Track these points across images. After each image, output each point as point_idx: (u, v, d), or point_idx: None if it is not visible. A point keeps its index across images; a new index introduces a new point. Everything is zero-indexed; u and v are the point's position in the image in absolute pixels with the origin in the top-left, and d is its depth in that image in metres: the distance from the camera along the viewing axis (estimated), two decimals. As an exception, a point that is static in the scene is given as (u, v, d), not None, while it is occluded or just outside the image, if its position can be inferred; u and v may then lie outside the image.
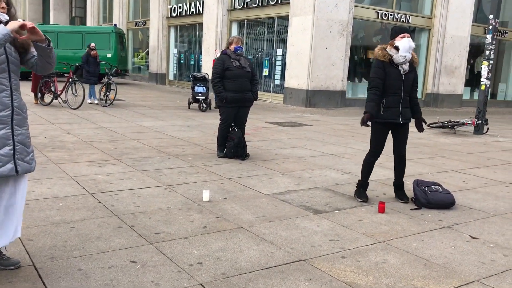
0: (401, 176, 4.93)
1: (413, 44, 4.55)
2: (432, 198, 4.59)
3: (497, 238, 3.88)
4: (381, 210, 4.43)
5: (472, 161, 7.41)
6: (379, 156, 4.83)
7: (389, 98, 4.63)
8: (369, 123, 4.69)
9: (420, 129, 4.82)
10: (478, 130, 10.65)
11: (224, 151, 6.72)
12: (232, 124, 6.77)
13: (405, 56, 4.53)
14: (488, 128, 10.84)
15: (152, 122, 10.06)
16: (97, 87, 13.60)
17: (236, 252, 3.37)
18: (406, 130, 4.81)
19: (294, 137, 9.09)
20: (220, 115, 6.79)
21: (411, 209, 4.57)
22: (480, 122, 10.59)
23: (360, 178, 4.93)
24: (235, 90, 6.49)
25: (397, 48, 4.53)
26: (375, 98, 4.60)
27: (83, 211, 4.12)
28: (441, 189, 4.73)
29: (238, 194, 4.85)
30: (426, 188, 4.71)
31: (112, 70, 13.55)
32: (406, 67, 4.58)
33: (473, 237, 3.87)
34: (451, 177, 6.17)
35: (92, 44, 13.44)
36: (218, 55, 14.19)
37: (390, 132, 4.81)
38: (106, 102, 12.90)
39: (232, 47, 6.64)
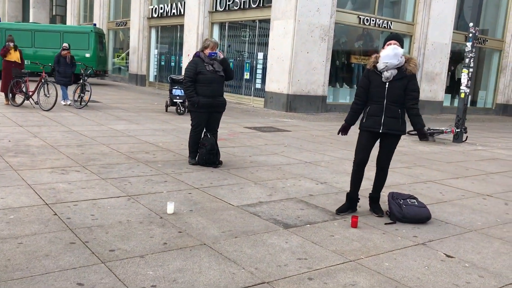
0: (379, 189, 4.75)
1: (399, 51, 4.39)
2: (407, 213, 4.41)
3: (473, 256, 3.70)
4: (354, 224, 4.24)
5: (450, 171, 7.29)
6: (362, 166, 4.63)
7: (372, 106, 4.49)
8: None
9: (421, 137, 4.64)
10: (457, 138, 10.59)
11: (196, 158, 6.47)
12: (204, 129, 6.52)
13: (386, 63, 4.37)
14: (467, 137, 10.78)
15: (126, 126, 9.75)
16: (71, 88, 13.20)
17: (195, 273, 3.12)
18: (392, 143, 4.58)
19: (271, 143, 8.88)
20: (191, 120, 6.53)
21: (385, 224, 4.39)
22: (459, 130, 10.53)
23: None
24: (207, 94, 6.25)
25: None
26: (354, 108, 4.56)
27: (35, 224, 3.83)
28: (416, 203, 4.55)
29: (206, 206, 4.60)
30: (401, 202, 4.53)
31: (87, 71, 13.16)
32: (388, 74, 4.39)
33: (448, 256, 3.69)
34: (428, 188, 6.02)
35: (64, 44, 13.02)
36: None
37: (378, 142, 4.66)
38: (80, 104, 12.52)
39: (207, 51, 6.39)
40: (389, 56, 4.37)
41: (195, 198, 4.85)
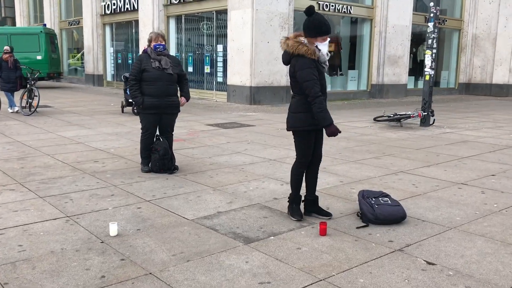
0: (315, 187, 4.29)
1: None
2: (380, 213, 3.98)
3: (456, 261, 3.30)
4: (323, 232, 3.78)
5: (421, 158, 6.95)
6: (307, 164, 4.18)
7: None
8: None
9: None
10: (425, 122, 10.33)
11: (149, 165, 5.89)
12: (157, 133, 5.95)
13: (324, 53, 3.99)
14: (434, 120, 10.54)
15: (76, 131, 9.03)
16: (18, 94, 12.29)
17: (135, 315, 2.60)
18: (323, 133, 4.17)
19: (234, 140, 8.36)
20: (140, 122, 5.95)
21: (357, 228, 3.95)
22: (426, 113, 10.27)
23: (291, 192, 4.26)
24: (153, 94, 5.66)
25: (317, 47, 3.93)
26: (324, 104, 3.90)
27: None
28: (389, 201, 4.14)
29: (156, 222, 4.06)
30: (373, 201, 4.11)
31: (35, 74, 12.28)
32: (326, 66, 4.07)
33: (428, 263, 3.27)
34: (400, 180, 5.64)
35: (5, 47, 12.04)
36: None
37: None
38: (30, 110, 11.66)
39: (152, 45, 5.80)
40: (326, 51, 3.99)
41: (144, 214, 4.29)
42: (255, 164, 6.45)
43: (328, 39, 3.95)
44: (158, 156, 5.74)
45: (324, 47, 3.92)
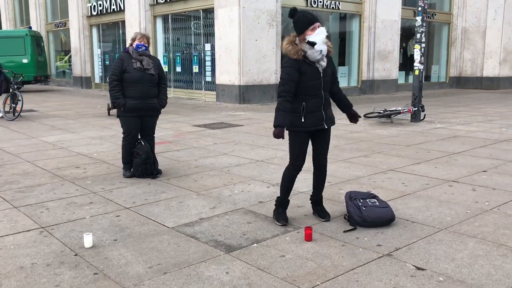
0: (321, 189, 4.15)
1: (325, 33, 3.74)
2: (368, 216, 3.82)
3: (447, 265, 3.15)
4: (308, 237, 3.61)
5: (411, 155, 6.81)
6: (301, 168, 4.00)
7: (309, 102, 3.79)
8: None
9: (354, 120, 4.14)
10: (415, 117, 10.20)
11: (131, 170, 5.70)
12: (139, 136, 5.75)
13: (321, 51, 3.71)
14: (425, 115, 10.42)
15: (60, 136, 8.81)
16: (1, 99, 12.04)
17: (104, 336, 2.42)
18: (329, 135, 4.02)
19: (221, 141, 8.18)
20: (121, 126, 5.75)
21: (344, 231, 3.79)
22: (416, 109, 10.14)
23: (279, 195, 4.10)
24: (134, 96, 5.47)
25: (311, 43, 3.70)
26: (289, 106, 3.74)
27: None
28: (377, 203, 3.98)
29: (134, 232, 3.87)
30: (360, 203, 3.95)
31: (18, 78, 12.02)
32: (324, 63, 3.78)
33: (418, 268, 3.12)
34: (389, 179, 5.49)
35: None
36: None
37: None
38: (14, 115, 11.41)
39: (134, 44, 5.60)
40: (323, 41, 3.71)
41: (123, 222, 4.10)
42: (241, 165, 6.28)
43: (321, 27, 3.72)
44: (140, 161, 5.55)
45: (317, 37, 3.68)
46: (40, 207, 4.57)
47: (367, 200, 4.01)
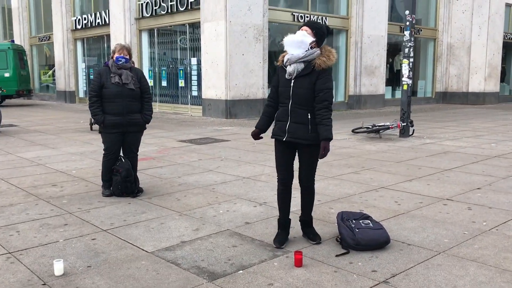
0: (307, 211, 3.90)
1: (306, 39, 3.53)
2: (362, 238, 3.59)
3: (448, 294, 2.92)
4: (298, 263, 3.36)
5: (403, 172, 6.62)
6: (286, 182, 3.76)
7: (279, 110, 3.74)
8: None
9: (321, 155, 3.55)
10: (404, 132, 10.06)
11: (111, 188, 5.40)
12: (121, 154, 5.46)
13: (291, 54, 3.56)
14: (414, 130, 10.29)
15: (38, 152, 8.46)
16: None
17: None
18: (309, 154, 3.68)
19: (206, 157, 7.91)
20: (102, 143, 5.47)
21: (337, 256, 3.54)
22: (405, 124, 10.01)
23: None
24: (114, 112, 5.20)
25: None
26: (265, 110, 3.84)
27: None
28: (371, 224, 3.75)
29: (110, 257, 3.58)
30: (353, 224, 3.71)
31: (-3, 92, 11.66)
32: (290, 69, 3.56)
33: (417, 297, 2.88)
34: (381, 197, 5.27)
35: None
36: None
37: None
38: (-8, 130, 11.03)
39: (115, 57, 5.34)
40: (292, 44, 3.52)
41: (99, 246, 3.80)
42: (227, 183, 6.02)
43: (299, 31, 3.60)
44: (120, 178, 5.26)
45: (288, 37, 3.57)
46: (10, 229, 4.24)
47: (360, 221, 3.78)
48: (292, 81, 3.58)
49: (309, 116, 3.57)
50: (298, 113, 3.59)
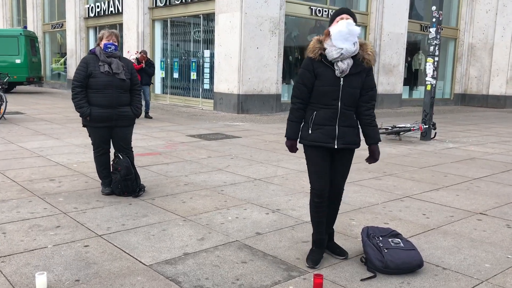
0: (332, 221, 3.46)
1: (356, 30, 3.04)
2: (391, 260, 3.11)
3: (499, 338, 2.44)
4: (318, 287, 2.89)
5: (427, 179, 6.10)
6: (325, 194, 3.27)
7: (320, 112, 3.15)
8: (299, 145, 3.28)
9: (371, 160, 3.35)
10: (426, 135, 9.52)
11: (111, 186, 4.97)
12: (113, 149, 5.01)
13: (342, 48, 3.02)
14: (436, 133, 9.74)
15: (41, 142, 8.08)
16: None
17: None
18: (348, 160, 3.31)
19: (216, 155, 7.46)
20: (89, 137, 5.01)
21: (362, 280, 3.07)
22: (427, 126, 9.46)
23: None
24: (102, 104, 4.72)
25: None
26: (298, 115, 3.19)
27: None
28: (402, 244, 3.26)
29: (103, 269, 3.14)
30: (381, 243, 3.23)
31: (3, 78, 11.31)
32: (344, 65, 3.05)
33: None
34: (407, 208, 4.77)
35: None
36: (133, 57, 12.34)
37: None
38: (-2, 117, 10.68)
39: (102, 44, 4.87)
40: (342, 35, 3.01)
41: (91, 255, 3.37)
42: (236, 185, 5.56)
43: (348, 20, 3.05)
44: (119, 177, 4.82)
45: (335, 28, 3.04)
46: (-5, 230, 3.83)
47: (389, 239, 3.29)
48: (342, 79, 3.09)
49: (355, 118, 3.23)
50: (348, 116, 3.16)
